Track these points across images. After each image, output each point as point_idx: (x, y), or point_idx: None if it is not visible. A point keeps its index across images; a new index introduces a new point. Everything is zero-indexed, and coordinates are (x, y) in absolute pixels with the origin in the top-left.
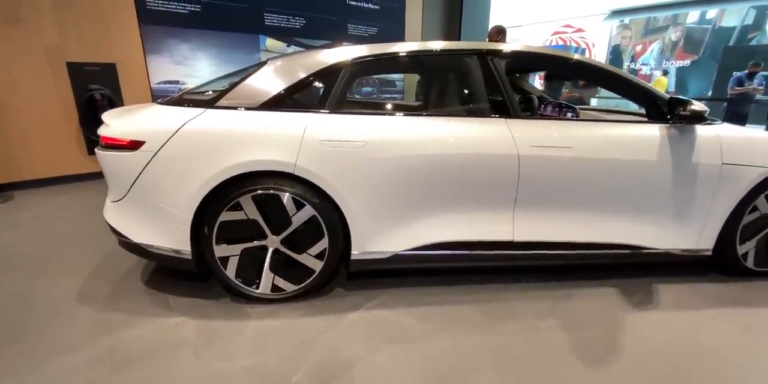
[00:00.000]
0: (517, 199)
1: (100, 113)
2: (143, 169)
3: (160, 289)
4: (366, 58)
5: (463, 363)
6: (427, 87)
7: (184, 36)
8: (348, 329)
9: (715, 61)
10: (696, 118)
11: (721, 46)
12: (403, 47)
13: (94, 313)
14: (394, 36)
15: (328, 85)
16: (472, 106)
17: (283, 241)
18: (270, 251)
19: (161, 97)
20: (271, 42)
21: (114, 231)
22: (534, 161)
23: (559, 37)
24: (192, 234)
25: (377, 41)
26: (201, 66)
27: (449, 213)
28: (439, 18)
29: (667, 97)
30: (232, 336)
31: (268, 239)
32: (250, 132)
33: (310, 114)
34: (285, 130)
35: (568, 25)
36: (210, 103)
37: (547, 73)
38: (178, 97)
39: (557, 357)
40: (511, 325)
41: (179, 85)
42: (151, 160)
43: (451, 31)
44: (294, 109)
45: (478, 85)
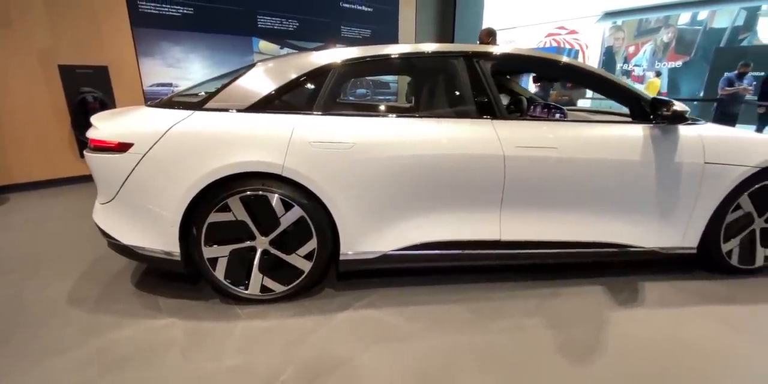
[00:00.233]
0: (503, 199)
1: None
2: (132, 171)
3: (150, 290)
4: (354, 61)
5: (449, 362)
6: (416, 89)
7: (177, 38)
8: (337, 329)
9: (706, 61)
10: (677, 118)
11: (713, 47)
12: (391, 49)
13: (84, 314)
14: (387, 38)
15: (316, 86)
16: (458, 108)
17: (271, 242)
18: (259, 252)
19: (154, 100)
20: (264, 44)
21: (103, 233)
22: (519, 162)
23: (553, 39)
24: (181, 235)
25: (371, 43)
26: (194, 68)
27: (437, 213)
28: (433, 20)
29: (649, 97)
30: (220, 337)
31: (256, 240)
32: (238, 133)
33: (298, 115)
34: (272, 131)
35: (562, 27)
36: (199, 106)
37: (534, 75)
38: (168, 100)
39: (543, 355)
40: (498, 323)
41: (172, 88)
42: (139, 162)
43: (444, 33)
44: (282, 111)
45: (464, 86)
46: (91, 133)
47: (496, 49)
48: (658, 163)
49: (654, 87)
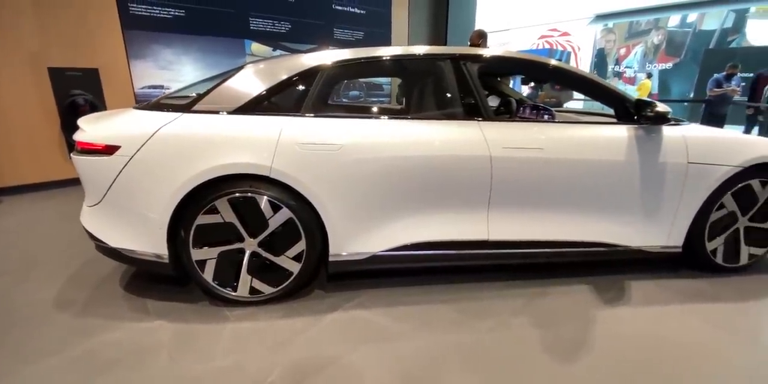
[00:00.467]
0: (490, 200)
1: None
2: (119, 173)
3: (138, 293)
4: (343, 63)
5: (436, 362)
6: (405, 91)
7: (169, 41)
8: (325, 330)
9: (696, 63)
10: (660, 118)
11: (702, 48)
12: (381, 52)
13: (73, 317)
14: (380, 40)
15: (305, 88)
16: (446, 110)
17: (260, 244)
18: (247, 254)
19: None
20: (256, 46)
21: (91, 236)
22: (506, 162)
23: (546, 41)
24: (169, 238)
25: (364, 45)
26: (186, 71)
27: (425, 214)
28: (426, 22)
29: (634, 99)
30: (209, 338)
31: (245, 242)
32: (225, 135)
33: (286, 117)
34: (260, 133)
35: (554, 29)
36: (186, 108)
37: (522, 77)
38: (156, 102)
39: (530, 353)
40: (486, 322)
41: (164, 90)
42: (126, 164)
43: (437, 35)
44: (270, 113)
45: (451, 88)
46: (78, 136)
47: (484, 52)
48: (643, 163)
49: (645, 88)
